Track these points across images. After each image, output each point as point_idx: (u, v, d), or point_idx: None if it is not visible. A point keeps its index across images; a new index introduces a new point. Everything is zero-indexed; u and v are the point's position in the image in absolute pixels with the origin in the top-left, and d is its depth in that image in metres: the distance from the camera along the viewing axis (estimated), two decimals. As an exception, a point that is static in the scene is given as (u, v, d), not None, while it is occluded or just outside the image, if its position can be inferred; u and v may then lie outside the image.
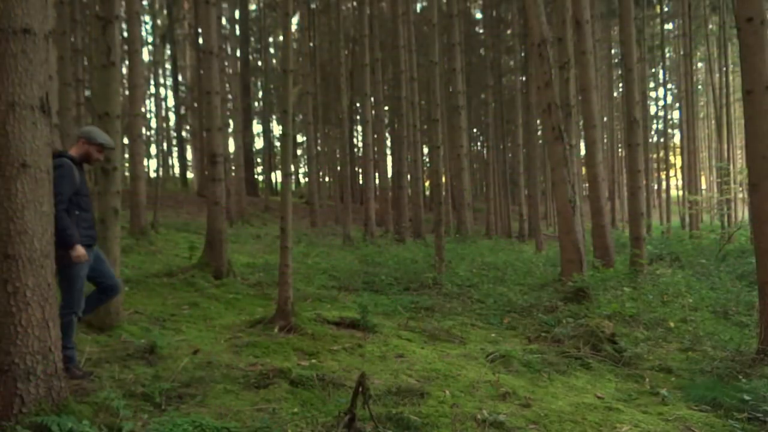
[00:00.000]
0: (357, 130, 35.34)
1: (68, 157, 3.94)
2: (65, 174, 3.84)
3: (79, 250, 3.84)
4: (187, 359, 4.40)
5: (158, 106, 36.82)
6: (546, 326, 6.19)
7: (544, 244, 17.15)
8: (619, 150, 32.19)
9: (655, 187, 32.92)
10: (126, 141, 12.14)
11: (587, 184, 10.70)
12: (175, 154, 36.88)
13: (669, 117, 33.49)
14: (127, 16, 12.17)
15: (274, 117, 35.12)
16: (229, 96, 23.11)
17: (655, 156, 31.54)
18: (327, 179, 38.39)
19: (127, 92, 13.75)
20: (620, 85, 30.18)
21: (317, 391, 3.85)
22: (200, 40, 18.68)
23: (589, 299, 7.11)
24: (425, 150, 31.92)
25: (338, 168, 32.17)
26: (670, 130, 32.54)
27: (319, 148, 29.89)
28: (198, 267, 8.48)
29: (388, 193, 21.51)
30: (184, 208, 21.78)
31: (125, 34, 12.76)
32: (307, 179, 29.73)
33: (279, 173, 33.18)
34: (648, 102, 27.52)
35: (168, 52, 31.33)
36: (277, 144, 35.09)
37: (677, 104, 31.83)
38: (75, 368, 3.90)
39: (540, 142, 21.80)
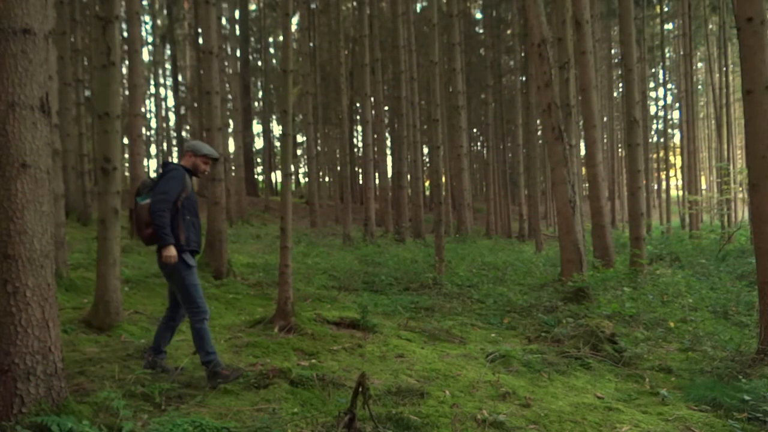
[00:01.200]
0: (357, 130, 35.35)
1: (183, 167, 4.13)
2: (177, 176, 3.99)
3: (171, 251, 3.84)
4: (187, 359, 4.40)
5: (158, 106, 36.87)
6: (546, 326, 6.19)
7: (544, 244, 17.14)
8: (619, 150, 32.21)
9: (655, 187, 32.93)
10: (126, 141, 12.12)
11: (587, 184, 10.69)
12: (175, 154, 36.87)
13: (669, 117, 33.49)
14: (127, 16, 12.15)
15: (274, 117, 35.15)
16: (229, 96, 23.12)
17: (655, 156, 31.55)
18: (327, 179, 38.41)
19: (127, 92, 13.73)
20: (620, 85, 30.22)
21: (317, 391, 3.84)
22: (200, 40, 18.66)
23: (589, 299, 7.10)
24: (425, 150, 31.95)
25: (338, 168, 32.18)
26: (670, 130, 32.53)
27: (319, 148, 29.90)
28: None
29: (388, 193, 21.51)
30: (184, 208, 21.74)
31: (125, 34, 12.75)
32: (307, 179, 29.74)
33: (279, 173, 33.21)
34: (648, 102, 27.50)
35: (168, 52, 31.36)
36: (277, 144, 35.12)
37: (677, 104, 31.79)
38: (223, 369, 3.91)
39: (540, 142, 21.79)
